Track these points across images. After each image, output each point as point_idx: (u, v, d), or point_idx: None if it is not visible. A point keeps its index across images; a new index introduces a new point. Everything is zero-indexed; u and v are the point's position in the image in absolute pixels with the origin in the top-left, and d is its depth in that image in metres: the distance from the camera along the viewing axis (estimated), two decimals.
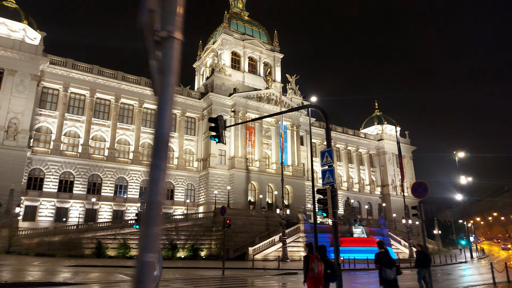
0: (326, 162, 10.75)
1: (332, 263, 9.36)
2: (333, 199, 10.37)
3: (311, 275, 8.89)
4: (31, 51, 46.75)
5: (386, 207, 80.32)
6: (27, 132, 44.99)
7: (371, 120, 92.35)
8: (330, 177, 10.48)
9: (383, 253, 10.75)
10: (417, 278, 14.52)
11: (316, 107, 12.53)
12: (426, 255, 14.34)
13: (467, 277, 25.67)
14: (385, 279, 10.41)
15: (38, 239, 35.66)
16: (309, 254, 9.18)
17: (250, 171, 57.46)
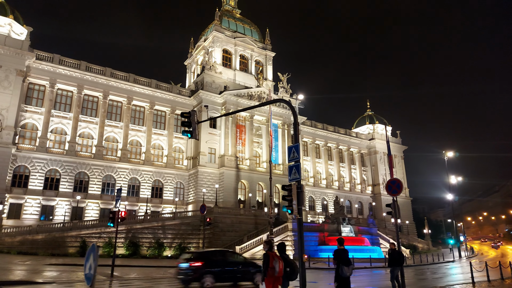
0: (293, 158, 10.43)
1: (292, 261, 9.02)
2: (299, 196, 10.07)
3: (271, 274, 8.53)
4: (16, 46, 45.88)
5: (377, 206, 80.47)
6: (12, 128, 44.14)
7: (362, 119, 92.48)
8: (296, 173, 10.16)
9: (342, 251, 10.54)
10: (390, 277, 14.31)
11: (285, 101, 12.19)
12: (399, 254, 14.12)
13: (449, 276, 25.55)
14: (341, 276, 10.19)
15: (20, 237, 34.97)
16: (269, 252, 8.82)
17: (240, 169, 57.11)
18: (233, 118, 58.98)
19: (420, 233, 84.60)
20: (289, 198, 10.45)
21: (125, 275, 20.21)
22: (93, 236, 38.12)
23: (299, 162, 10.25)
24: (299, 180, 10.18)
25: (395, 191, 14.01)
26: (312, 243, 42.48)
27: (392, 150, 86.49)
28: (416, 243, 68.74)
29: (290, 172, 10.45)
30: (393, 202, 14.39)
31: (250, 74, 67.74)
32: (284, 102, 12.03)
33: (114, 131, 54.58)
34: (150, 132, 56.92)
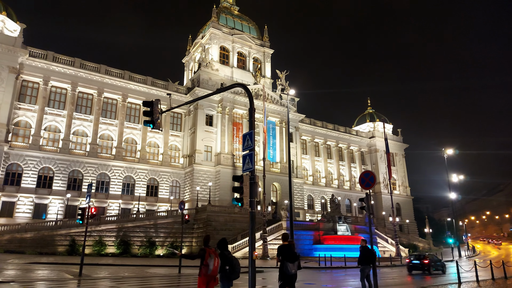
0: (247, 146, 9.65)
1: (233, 259, 8.19)
2: (252, 187, 9.28)
3: (204, 272, 7.73)
4: (9, 43, 45.47)
5: (377, 205, 79.41)
6: (4, 126, 43.74)
7: (363, 117, 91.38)
8: (249, 163, 9.38)
9: (286, 246, 9.75)
10: (360, 276, 13.45)
11: (241, 85, 11.42)
12: (370, 252, 13.28)
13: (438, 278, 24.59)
14: (286, 273, 9.41)
15: (9, 235, 34.48)
16: (205, 248, 8.00)
17: (237, 167, 56.31)
18: (230, 116, 58.23)
19: (422, 233, 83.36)
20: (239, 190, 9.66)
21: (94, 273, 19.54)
22: (83, 234, 37.43)
23: (253, 151, 9.47)
24: (252, 170, 9.41)
25: (368, 184, 13.22)
26: (307, 242, 41.65)
27: (393, 148, 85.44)
28: (417, 242, 67.64)
29: (243, 162, 9.68)
30: (366, 196, 13.56)
31: (248, 71, 66.97)
32: (241, 86, 11.24)
33: (109, 129, 54.06)
34: (146, 130, 56.31)
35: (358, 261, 13.62)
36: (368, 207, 13.35)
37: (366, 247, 13.58)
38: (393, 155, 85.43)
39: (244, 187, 9.26)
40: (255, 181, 9.12)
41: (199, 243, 41.37)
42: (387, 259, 38.40)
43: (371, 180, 13.14)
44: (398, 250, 46.76)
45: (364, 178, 13.37)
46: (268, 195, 58.13)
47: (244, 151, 9.70)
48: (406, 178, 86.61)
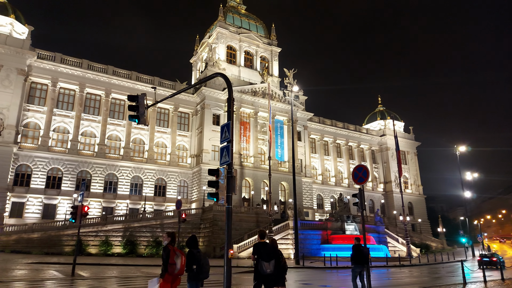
0: (225, 138, 9.19)
1: (201, 257, 7.69)
2: (229, 182, 8.82)
3: (171, 271, 7.23)
4: (17, 45, 46.02)
5: (389, 204, 78.13)
6: (13, 127, 44.25)
7: (374, 115, 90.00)
8: (226, 156, 8.93)
9: (262, 244, 9.18)
10: (351, 276, 12.83)
11: (221, 74, 10.95)
12: (361, 251, 12.65)
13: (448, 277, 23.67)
14: (261, 273, 8.85)
15: (16, 236, 34.80)
16: (169, 246, 7.52)
17: (244, 167, 55.99)
18: (237, 115, 57.89)
19: (436, 232, 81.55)
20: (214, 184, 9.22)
21: (97, 274, 19.34)
22: (90, 234, 37.69)
23: (230, 143, 9.01)
24: (229, 164, 8.95)
25: (362, 179, 12.63)
26: (315, 241, 40.99)
27: (405, 146, 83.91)
28: (429, 242, 66.10)
29: (221, 155, 9.25)
30: (359, 192, 12.93)
31: (255, 70, 66.51)
32: (220, 75, 10.82)
33: (117, 130, 54.30)
34: (153, 130, 56.44)
35: (351, 260, 13.04)
36: (361, 203, 12.75)
37: (358, 246, 12.98)
38: (404, 153, 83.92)
39: (220, 181, 8.83)
40: (232, 175, 8.69)
41: (206, 243, 41.16)
42: (396, 259, 37.45)
43: (364, 175, 12.58)
44: (409, 249, 45.66)
45: (357, 172, 12.81)
46: (276, 194, 57.62)
47: (221, 143, 9.26)
48: (419, 177, 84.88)
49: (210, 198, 9.52)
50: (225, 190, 8.78)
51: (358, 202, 12.79)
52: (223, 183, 8.80)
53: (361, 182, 12.68)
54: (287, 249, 39.85)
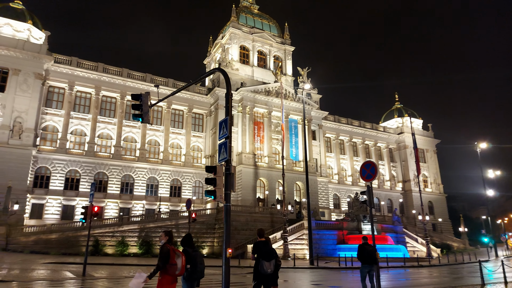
0: (223, 134, 8.95)
1: (195, 256, 7.42)
2: (227, 179, 8.55)
3: (172, 272, 6.92)
4: (35, 50, 47.10)
5: (408, 203, 76.49)
6: (31, 130, 45.30)
7: (391, 113, 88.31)
8: (224, 152, 8.68)
9: (262, 243, 8.88)
10: (360, 277, 12.37)
11: (219, 69, 10.73)
12: (366, 249, 12.17)
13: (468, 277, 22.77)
14: (261, 273, 8.54)
15: (35, 236, 35.53)
16: (168, 245, 7.22)
17: (259, 167, 55.76)
18: (250, 115, 57.74)
19: (456, 232, 79.33)
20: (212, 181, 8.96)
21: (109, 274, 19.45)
22: (106, 235, 38.16)
23: (228, 140, 8.76)
24: (228, 161, 8.71)
25: (370, 175, 12.18)
26: (331, 241, 40.37)
27: (424, 144, 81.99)
28: (451, 242, 64.30)
29: (219, 152, 9.01)
30: (367, 189, 12.45)
31: (268, 69, 66.21)
32: (219, 70, 10.60)
33: (132, 131, 54.94)
34: (168, 131, 56.88)
35: (358, 260, 12.62)
36: (369, 200, 12.29)
37: (364, 245, 12.53)
38: (423, 151, 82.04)
39: (218, 179, 8.59)
40: (230, 172, 8.44)
41: (220, 243, 41.08)
42: (414, 259, 36.46)
43: (372, 172, 12.12)
44: (429, 250, 44.48)
45: (365, 169, 12.37)
46: (291, 194, 57.17)
47: (220, 139, 9.05)
48: (439, 175, 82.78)
49: (207, 196, 9.32)
50: (223, 187, 8.55)
51: (367, 200, 12.33)
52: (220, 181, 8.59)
53: (369, 179, 12.26)
54: (302, 249, 39.41)
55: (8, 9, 49.15)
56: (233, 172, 8.53)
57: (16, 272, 18.15)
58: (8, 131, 43.89)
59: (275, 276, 8.90)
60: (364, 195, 12.61)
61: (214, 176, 8.85)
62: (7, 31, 47.47)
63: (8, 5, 49.79)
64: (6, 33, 47.17)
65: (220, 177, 8.54)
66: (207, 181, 9.26)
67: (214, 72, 10.66)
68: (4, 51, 45.13)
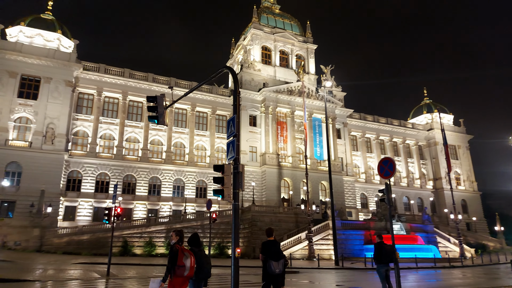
0: (231, 133, 8.91)
1: (202, 256, 7.36)
2: (235, 177, 8.49)
3: (180, 273, 6.73)
4: (64, 59, 49.07)
5: (440, 202, 73.86)
6: (63, 136, 47.20)
7: (419, 109, 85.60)
8: (233, 151, 8.63)
9: (271, 242, 8.72)
10: (379, 277, 11.95)
11: (227, 67, 10.67)
12: (383, 248, 11.75)
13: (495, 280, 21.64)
14: (269, 273, 8.37)
15: (67, 238, 36.98)
16: (177, 246, 7.01)
17: (283, 167, 55.55)
18: (273, 115, 57.65)
19: (494, 231, 75.78)
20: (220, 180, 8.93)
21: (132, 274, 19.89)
22: (135, 236, 39.17)
23: (235, 138, 8.71)
24: (236, 159, 8.66)
25: (388, 172, 11.76)
26: (357, 242, 39.59)
27: (455, 140, 78.94)
28: (486, 241, 61.52)
29: (228, 150, 8.99)
30: (386, 186, 12.02)
31: (290, 69, 65.87)
32: (227, 68, 10.57)
33: (159, 134, 56.09)
34: (193, 133, 57.68)
35: (374, 259, 12.24)
36: (388, 198, 11.88)
37: (381, 243, 12.14)
38: (455, 147, 79.02)
39: (226, 178, 8.57)
40: (238, 171, 8.41)
41: (246, 243, 41.22)
42: (446, 259, 35.13)
43: (390, 168, 11.71)
44: (462, 250, 42.76)
45: (383, 166, 11.98)
46: (317, 194, 56.60)
47: (228, 138, 9.05)
48: (472, 172, 79.41)
49: (215, 195, 9.34)
50: (231, 186, 8.54)
51: (385, 197, 11.96)
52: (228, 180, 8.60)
53: (387, 176, 11.88)
54: (327, 249, 38.88)
55: (39, 20, 51.51)
56: (241, 171, 8.51)
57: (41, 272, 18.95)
58: (41, 137, 45.95)
59: (283, 276, 8.81)
60: (382, 193, 12.24)
61: (222, 175, 8.86)
62: (39, 41, 49.74)
63: (39, 16, 52.18)
64: (38, 43, 49.44)
65: (228, 176, 8.54)
66: (215, 180, 9.30)
67: (222, 71, 10.69)
68: (36, 61, 47.31)
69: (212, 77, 12.06)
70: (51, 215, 42.12)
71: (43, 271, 18.98)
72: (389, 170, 11.72)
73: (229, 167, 8.78)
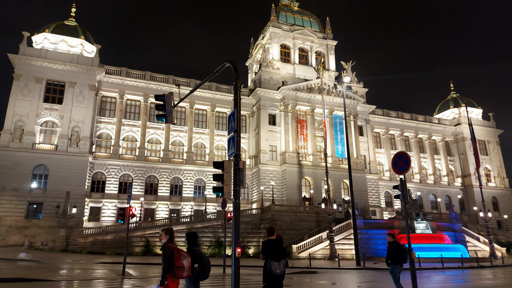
0: (231, 128, 8.66)
1: (202, 256, 7.10)
2: (236, 175, 8.22)
3: (179, 274, 6.34)
4: (87, 63, 50.43)
5: (469, 199, 71.10)
6: (87, 139, 48.50)
7: (446, 103, 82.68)
8: (233, 147, 8.37)
9: (272, 242, 8.35)
10: (393, 279, 11.38)
11: (229, 61, 10.40)
12: (398, 248, 11.18)
13: None
14: (269, 274, 8.00)
15: (92, 238, 37.89)
16: (171, 245, 6.57)
17: (303, 166, 54.93)
18: (293, 114, 57.11)
19: None
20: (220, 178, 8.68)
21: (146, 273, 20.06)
22: (157, 236, 39.61)
23: (236, 133, 8.45)
24: (236, 155, 8.40)
25: (402, 168, 11.23)
26: (381, 241, 38.52)
27: (484, 135, 75.81)
28: None
29: (228, 146, 8.78)
30: (401, 182, 11.47)
31: (310, 66, 65.04)
32: (229, 62, 10.33)
33: (180, 135, 56.74)
34: (213, 134, 58.00)
35: (387, 260, 11.70)
36: (403, 195, 11.35)
37: (395, 243, 11.59)
38: (484, 142, 75.88)
39: (226, 175, 8.34)
40: (239, 167, 8.15)
41: None
42: (474, 259, 33.67)
43: (405, 163, 11.18)
44: (492, 249, 40.93)
45: (397, 161, 11.46)
46: (339, 193, 55.66)
47: (229, 133, 8.85)
48: (503, 168, 75.95)
49: (215, 193, 9.15)
50: (231, 184, 8.32)
51: (400, 194, 11.44)
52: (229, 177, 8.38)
53: (402, 171, 11.37)
54: (350, 249, 38.09)
55: (63, 27, 53.12)
56: (242, 168, 8.27)
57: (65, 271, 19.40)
58: (67, 140, 47.37)
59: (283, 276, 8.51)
60: (397, 189, 11.73)
61: (222, 172, 8.66)
62: (63, 47, 51.30)
63: (63, 23, 53.81)
64: (62, 49, 51.00)
65: (228, 173, 8.33)
66: (215, 178, 9.11)
67: (224, 66, 10.53)
68: (61, 66, 48.83)
69: (215, 72, 11.94)
70: (76, 215, 43.38)
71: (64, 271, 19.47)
72: (404, 165, 11.22)
73: (229, 163, 8.58)
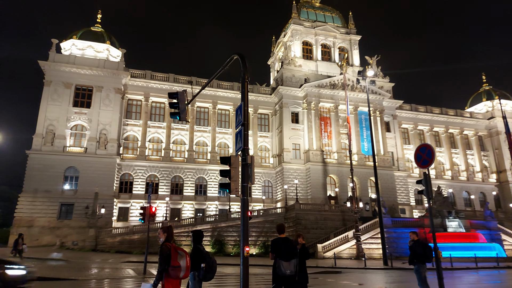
0: (238, 122, 8.42)
1: (208, 255, 6.89)
2: (244, 170, 7.95)
3: (175, 275, 6.10)
4: (113, 68, 51.81)
5: (505, 196, 67.73)
6: (115, 141, 49.83)
7: (478, 96, 79.11)
8: (240, 142, 8.11)
9: (281, 240, 7.97)
10: (417, 278, 10.79)
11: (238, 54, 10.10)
12: (424, 247, 10.57)
13: None
14: (279, 274, 7.63)
15: (120, 237, 38.85)
16: (168, 244, 6.36)
17: (328, 163, 54.06)
18: (316, 111, 56.31)
19: None
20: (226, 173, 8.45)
21: None
22: (182, 235, 40.16)
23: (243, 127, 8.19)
24: (244, 150, 8.13)
25: (426, 161, 10.63)
26: (403, 240, 37.26)
27: None
28: None
29: (236, 141, 8.57)
30: (424, 177, 10.84)
31: (333, 62, 63.96)
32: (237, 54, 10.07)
33: (203, 136, 57.28)
34: None
35: (410, 259, 11.14)
36: (427, 190, 10.76)
37: (419, 242, 11.01)
38: None
39: (233, 170, 8.12)
40: (247, 163, 7.91)
41: None
42: (510, 259, 31.93)
43: (429, 156, 10.58)
44: None
45: (420, 154, 10.89)
46: (366, 191, 54.45)
47: (236, 127, 8.68)
48: None
49: (222, 189, 8.98)
50: (239, 180, 8.13)
51: (424, 189, 10.87)
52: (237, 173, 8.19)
53: (425, 165, 10.79)
54: (378, 248, 37.07)
55: (90, 33, 54.84)
56: (250, 163, 8.04)
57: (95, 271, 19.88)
58: (95, 143, 48.86)
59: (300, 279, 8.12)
60: (420, 184, 11.17)
61: (229, 167, 8.48)
62: (90, 53, 52.95)
63: (89, 29, 55.57)
64: (89, 55, 52.66)
65: (235, 169, 8.13)
66: (222, 173, 8.95)
67: (233, 58, 10.38)
68: (88, 71, 50.41)
69: (224, 66, 11.81)
70: (105, 216, 44.66)
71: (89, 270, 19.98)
72: (427, 158, 10.63)
73: (237, 159, 8.37)
